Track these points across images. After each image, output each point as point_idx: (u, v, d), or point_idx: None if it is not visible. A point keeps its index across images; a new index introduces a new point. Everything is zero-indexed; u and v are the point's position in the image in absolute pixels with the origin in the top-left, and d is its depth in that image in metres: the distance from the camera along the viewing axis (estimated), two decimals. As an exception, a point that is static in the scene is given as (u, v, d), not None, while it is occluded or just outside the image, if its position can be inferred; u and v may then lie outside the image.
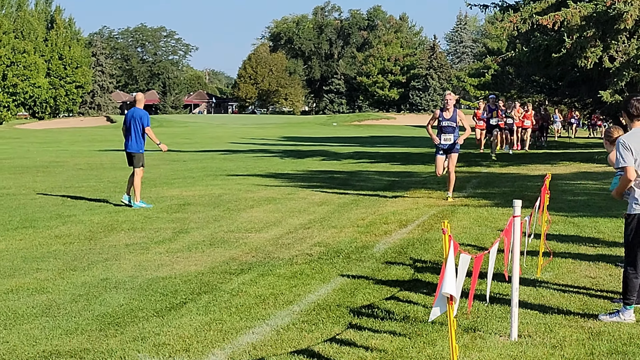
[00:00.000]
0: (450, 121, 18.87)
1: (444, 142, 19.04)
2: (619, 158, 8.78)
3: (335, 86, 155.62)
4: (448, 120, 18.93)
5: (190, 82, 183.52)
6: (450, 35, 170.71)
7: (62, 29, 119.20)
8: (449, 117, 18.88)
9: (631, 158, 8.74)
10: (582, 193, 19.74)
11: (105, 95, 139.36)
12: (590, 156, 32.55)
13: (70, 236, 14.63)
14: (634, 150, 8.76)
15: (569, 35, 27.46)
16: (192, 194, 21.22)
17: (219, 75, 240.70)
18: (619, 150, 8.80)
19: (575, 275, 11.03)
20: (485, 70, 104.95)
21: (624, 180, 8.85)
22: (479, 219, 16.12)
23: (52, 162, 33.66)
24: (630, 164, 8.73)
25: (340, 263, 11.99)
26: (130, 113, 19.12)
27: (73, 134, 73.92)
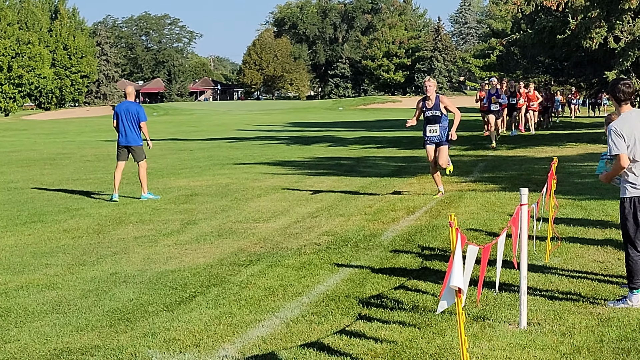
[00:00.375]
0: (433, 110, 17.18)
1: (429, 133, 17.38)
2: (612, 145, 8.76)
3: (340, 70, 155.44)
4: (431, 109, 17.25)
5: (195, 70, 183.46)
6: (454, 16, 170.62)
7: (66, 19, 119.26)
8: (432, 105, 17.20)
9: (624, 145, 8.71)
10: (589, 175, 19.69)
11: (110, 84, 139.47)
12: (597, 137, 32.45)
13: (79, 230, 14.67)
14: (625, 136, 8.73)
15: (574, 16, 27.37)
16: (199, 184, 21.25)
17: (223, 62, 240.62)
18: (612, 138, 8.77)
19: (583, 259, 11.02)
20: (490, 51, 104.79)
21: (617, 167, 8.83)
22: (487, 203, 16.11)
23: (59, 154, 33.73)
24: (622, 151, 8.71)
25: (349, 252, 12.01)
26: (124, 107, 18.88)
27: (79, 124, 74.03)
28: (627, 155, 8.72)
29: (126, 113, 18.73)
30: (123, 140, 18.92)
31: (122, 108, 18.84)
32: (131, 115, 18.70)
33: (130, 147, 18.91)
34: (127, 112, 18.73)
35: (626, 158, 8.71)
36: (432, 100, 17.20)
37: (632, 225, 8.85)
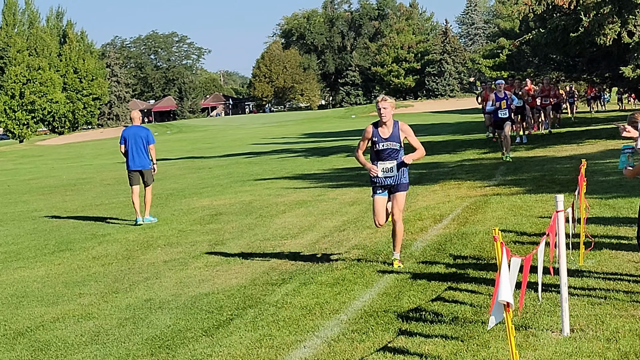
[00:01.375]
0: (389, 141, 12.11)
1: (382, 174, 12.04)
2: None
3: (350, 78, 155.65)
4: (386, 140, 12.14)
5: (205, 85, 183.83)
6: (461, 17, 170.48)
7: (75, 43, 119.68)
8: (387, 135, 12.15)
9: None
10: (612, 172, 19.57)
11: (122, 105, 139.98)
12: (615, 132, 32.24)
13: (108, 256, 14.69)
14: None
15: (586, 14, 27.31)
16: (222, 202, 21.26)
17: (233, 76, 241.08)
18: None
19: (617, 260, 10.96)
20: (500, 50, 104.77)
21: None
22: (513, 207, 16.04)
23: (79, 179, 33.80)
24: None
25: (380, 265, 11.97)
26: (133, 131, 19.14)
27: (95, 147, 74.19)
28: None
29: (135, 137, 18.97)
30: (133, 165, 19.18)
31: (131, 132, 19.10)
32: (141, 139, 18.96)
33: (141, 171, 19.16)
34: (136, 136, 18.98)
35: None
36: (389, 127, 12.23)
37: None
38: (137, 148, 18.96)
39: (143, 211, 18.98)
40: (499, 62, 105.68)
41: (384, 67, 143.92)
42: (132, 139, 18.97)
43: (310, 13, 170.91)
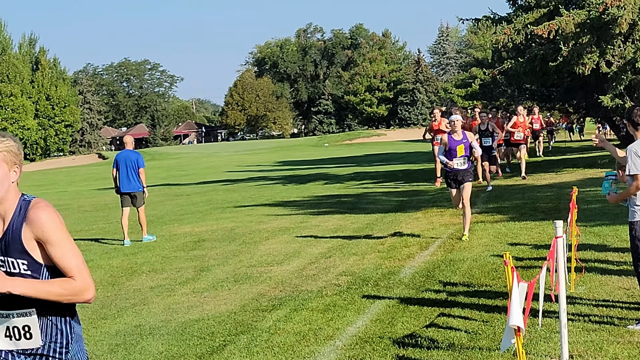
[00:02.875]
0: None
1: None
2: (631, 165, 8.93)
3: (323, 107, 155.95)
4: None
5: (178, 113, 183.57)
6: (433, 47, 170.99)
7: (48, 70, 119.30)
8: None
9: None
10: (594, 200, 19.69)
11: (94, 132, 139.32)
12: (592, 161, 32.53)
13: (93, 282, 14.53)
14: None
15: (565, 43, 27.49)
16: (204, 229, 21.17)
17: (205, 104, 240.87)
18: (631, 158, 8.93)
19: (608, 287, 11.01)
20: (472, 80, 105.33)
21: (633, 188, 8.95)
22: (499, 235, 16.09)
23: (56, 205, 32.92)
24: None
25: (370, 291, 11.96)
26: (124, 155, 19.86)
27: (68, 174, 73.82)
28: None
29: (126, 161, 19.64)
30: (124, 188, 19.75)
31: (122, 156, 19.81)
32: (132, 162, 19.59)
33: (131, 194, 19.74)
34: (127, 160, 19.64)
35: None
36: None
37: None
38: (128, 171, 19.58)
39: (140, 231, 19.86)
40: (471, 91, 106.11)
41: (356, 96, 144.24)
42: (123, 162, 19.64)
43: (283, 42, 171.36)
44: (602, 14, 26.80)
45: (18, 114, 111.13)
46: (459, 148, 16.07)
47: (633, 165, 8.92)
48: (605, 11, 26.68)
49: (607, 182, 9.74)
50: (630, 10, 26.65)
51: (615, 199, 9.41)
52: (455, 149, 16.04)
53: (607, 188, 9.66)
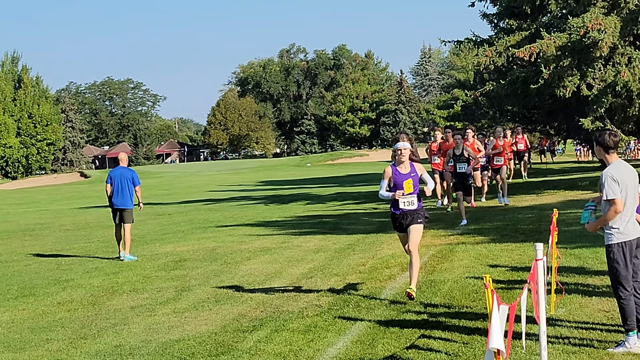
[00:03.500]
0: None
1: None
2: (608, 190, 9.01)
3: (305, 127, 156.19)
4: None
5: (160, 132, 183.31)
6: (415, 69, 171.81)
7: (30, 88, 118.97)
8: None
9: (618, 190, 8.95)
10: (574, 223, 19.71)
11: (76, 150, 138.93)
12: (573, 183, 32.64)
13: (73, 302, 14.52)
14: (620, 182, 8.95)
15: (546, 66, 27.68)
16: (185, 248, 21.14)
17: (188, 123, 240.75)
18: (608, 183, 9.01)
19: (588, 309, 11.05)
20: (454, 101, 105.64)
21: (611, 212, 9.02)
22: (480, 256, 16.12)
23: (37, 224, 33.44)
24: (618, 196, 8.95)
25: (352, 312, 11.97)
26: (119, 172, 20.21)
27: (50, 192, 73.55)
28: (622, 201, 8.93)
29: (121, 178, 20.04)
30: (116, 203, 20.08)
31: (117, 173, 20.18)
32: (126, 180, 20.04)
33: (121, 210, 20.02)
34: (122, 177, 20.05)
35: (621, 203, 8.92)
36: None
37: (622, 268, 9.04)
38: (122, 188, 19.99)
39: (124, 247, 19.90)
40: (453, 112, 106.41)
41: (339, 116, 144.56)
42: (118, 179, 20.05)
43: (266, 62, 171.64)
44: (582, 37, 27.02)
45: (0, 132, 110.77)
46: (406, 184, 12.87)
47: (610, 190, 9.00)
48: (586, 34, 26.90)
49: (586, 211, 9.81)
50: (610, 33, 26.88)
51: (593, 227, 9.50)
52: (402, 185, 12.86)
53: (587, 217, 9.73)
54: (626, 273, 9.07)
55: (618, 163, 9.24)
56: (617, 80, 27.25)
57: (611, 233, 9.13)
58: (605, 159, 9.31)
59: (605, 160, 9.34)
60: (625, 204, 9.06)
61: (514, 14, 33.00)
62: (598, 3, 28.37)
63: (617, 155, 9.40)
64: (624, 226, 9.11)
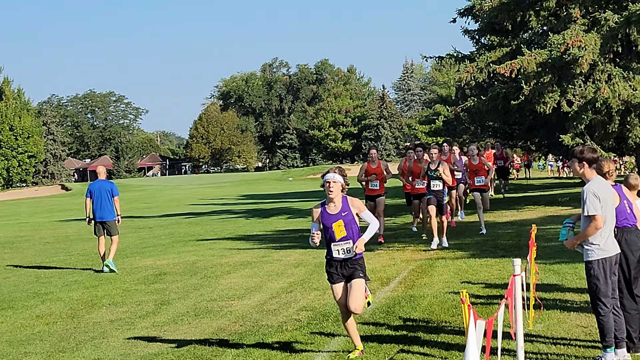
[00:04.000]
0: None
1: None
2: (589, 206, 9.03)
3: (288, 141, 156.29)
4: None
5: (142, 145, 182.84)
6: (397, 84, 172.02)
7: (12, 100, 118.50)
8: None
9: (599, 206, 8.99)
10: (554, 238, 19.78)
11: (58, 163, 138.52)
12: (553, 199, 32.79)
13: (52, 315, 14.47)
14: (601, 198, 9.00)
15: (526, 82, 27.84)
16: (166, 262, 21.10)
17: (170, 137, 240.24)
18: (589, 199, 9.04)
19: (566, 325, 11.10)
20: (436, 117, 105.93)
21: (591, 228, 9.06)
22: (459, 271, 16.18)
23: (17, 236, 33.29)
24: (599, 212, 8.99)
25: (331, 327, 11.97)
26: (98, 185, 20.40)
27: (30, 205, 73.24)
28: (602, 217, 8.97)
29: (100, 190, 20.20)
30: (98, 216, 20.22)
31: (96, 186, 20.37)
32: (106, 192, 20.19)
33: (104, 222, 20.21)
34: (102, 190, 20.20)
35: (602, 219, 8.96)
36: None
37: (602, 284, 9.07)
38: (102, 200, 20.14)
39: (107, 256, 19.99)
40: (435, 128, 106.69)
41: (321, 131, 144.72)
42: (98, 192, 20.22)
43: (248, 76, 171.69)
44: (563, 54, 27.18)
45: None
46: (336, 226, 10.26)
47: (591, 206, 9.03)
48: (567, 51, 27.07)
49: (564, 229, 9.85)
50: (590, 50, 27.05)
51: (572, 243, 9.51)
52: (332, 228, 10.30)
53: (565, 235, 9.76)
54: (606, 289, 9.11)
55: (598, 179, 9.28)
56: (597, 97, 27.42)
57: (591, 249, 9.17)
58: (584, 175, 9.35)
59: (584, 177, 9.37)
60: (605, 220, 9.11)
61: (495, 30, 33.18)
62: (578, 20, 28.54)
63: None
64: (604, 242, 9.14)
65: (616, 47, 27.72)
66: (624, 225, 9.60)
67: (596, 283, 9.15)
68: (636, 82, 27.97)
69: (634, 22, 26.73)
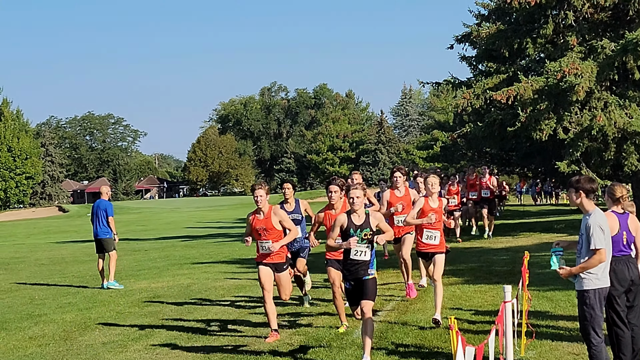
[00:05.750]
0: None
1: None
2: (597, 240, 8.98)
3: (285, 165, 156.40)
4: None
5: (140, 168, 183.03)
6: (396, 109, 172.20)
7: (10, 121, 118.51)
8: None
9: (603, 239, 8.97)
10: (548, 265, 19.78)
11: (55, 185, 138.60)
12: (549, 225, 32.82)
13: (45, 337, 14.46)
14: (605, 231, 9.01)
15: (523, 109, 27.90)
16: (160, 285, 21.11)
17: (168, 159, 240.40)
18: (596, 232, 8.99)
19: (558, 352, 11.11)
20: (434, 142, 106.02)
21: (595, 261, 9.03)
22: (453, 297, 16.19)
23: (12, 257, 33.28)
24: (604, 246, 8.96)
25: (324, 352, 11.97)
26: (97, 204, 21.40)
27: (27, 226, 73.20)
28: (606, 250, 8.96)
29: (97, 210, 21.15)
30: (94, 234, 21.41)
31: (96, 205, 21.38)
32: (102, 211, 21.08)
33: (99, 240, 21.23)
34: (98, 209, 21.13)
35: (605, 253, 8.95)
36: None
37: (597, 315, 9.04)
38: (98, 219, 21.08)
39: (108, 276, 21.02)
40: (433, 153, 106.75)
41: (319, 155, 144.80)
42: (95, 210, 21.22)
43: (247, 99, 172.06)
44: (559, 81, 27.26)
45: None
46: None
47: (598, 239, 8.99)
48: (563, 79, 27.14)
49: (556, 257, 9.83)
50: (587, 78, 27.13)
51: (568, 273, 9.42)
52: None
53: (557, 263, 9.72)
54: (600, 319, 9.10)
55: (599, 210, 9.27)
56: (593, 124, 27.49)
57: (588, 278, 9.12)
58: (582, 205, 9.33)
59: (582, 207, 9.35)
60: None
61: (492, 56, 33.25)
62: (575, 48, 28.63)
63: None
64: (601, 272, 9.12)
65: (612, 75, 27.79)
66: (614, 254, 9.56)
67: (591, 312, 9.09)
68: (632, 110, 28.06)
69: (631, 51, 26.80)
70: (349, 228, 11.07)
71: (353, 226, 11.05)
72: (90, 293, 19.98)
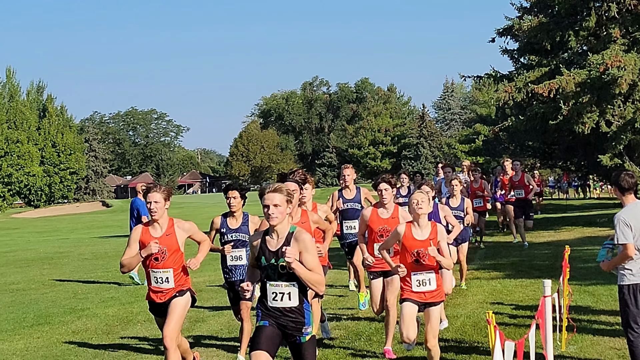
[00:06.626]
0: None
1: None
2: (619, 235, 8.98)
3: (327, 159, 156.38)
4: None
5: (183, 163, 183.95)
6: (438, 103, 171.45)
7: (55, 117, 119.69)
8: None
9: (630, 235, 8.92)
10: (591, 259, 19.64)
11: (99, 180, 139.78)
12: (592, 219, 32.57)
13: (88, 331, 14.60)
14: (633, 226, 8.93)
15: (565, 102, 27.73)
16: (202, 279, 21.18)
17: (210, 154, 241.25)
18: (619, 227, 8.99)
19: (600, 347, 11.03)
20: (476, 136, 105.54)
21: (623, 256, 9.02)
22: (494, 292, 16.13)
23: (56, 252, 33.56)
24: (630, 240, 8.93)
25: (363, 346, 11.99)
26: (132, 202, 21.48)
27: (71, 221, 73.84)
28: (634, 245, 8.90)
29: (132, 208, 21.14)
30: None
31: (131, 203, 21.44)
32: (134, 210, 20.97)
33: None
34: (133, 208, 21.12)
35: (633, 248, 8.90)
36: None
37: (632, 311, 8.99)
38: (132, 217, 20.99)
39: None
40: (475, 147, 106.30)
41: (360, 149, 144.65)
42: (131, 209, 21.22)
43: (289, 94, 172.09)
44: (602, 74, 27.06)
45: (24, 160, 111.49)
46: None
47: (622, 234, 8.99)
48: (606, 71, 26.94)
49: (604, 249, 9.81)
50: (630, 71, 26.90)
51: (606, 266, 9.50)
52: None
53: (603, 256, 9.71)
54: (635, 315, 9.04)
55: (633, 205, 9.20)
56: (636, 117, 27.28)
57: (624, 274, 9.12)
58: (621, 200, 9.31)
59: (622, 202, 9.34)
60: (638, 248, 9.03)
61: (534, 49, 33.05)
62: (618, 40, 28.42)
63: None
64: (637, 269, 9.07)
65: (656, 67, 27.58)
66: None
67: (625, 308, 9.09)
68: (676, 103, 27.81)
69: (675, 43, 26.63)
70: None
71: None
72: (132, 287, 20.10)
